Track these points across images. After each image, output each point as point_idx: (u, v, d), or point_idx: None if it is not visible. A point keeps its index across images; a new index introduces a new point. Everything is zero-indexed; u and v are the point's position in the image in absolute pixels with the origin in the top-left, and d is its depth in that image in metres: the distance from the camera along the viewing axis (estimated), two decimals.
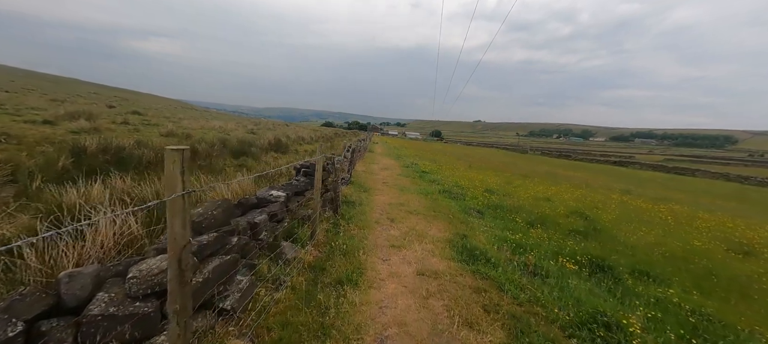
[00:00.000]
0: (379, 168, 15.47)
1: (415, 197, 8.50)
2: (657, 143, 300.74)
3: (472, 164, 25.22)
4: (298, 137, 26.92)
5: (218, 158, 13.55)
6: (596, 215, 9.16)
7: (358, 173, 12.43)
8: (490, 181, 14.75)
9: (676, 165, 58.78)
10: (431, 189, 9.96)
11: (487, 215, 7.86)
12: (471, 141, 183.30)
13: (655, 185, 26.96)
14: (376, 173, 13.10)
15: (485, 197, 10.02)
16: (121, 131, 15.53)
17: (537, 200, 11.02)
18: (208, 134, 21.30)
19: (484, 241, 5.52)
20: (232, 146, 15.35)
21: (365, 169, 14.58)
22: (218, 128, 26.65)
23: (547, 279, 4.15)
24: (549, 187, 15.43)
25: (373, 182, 10.48)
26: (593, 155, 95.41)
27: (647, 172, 52.00)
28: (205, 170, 11.86)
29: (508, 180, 16.33)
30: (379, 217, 6.28)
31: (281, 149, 19.37)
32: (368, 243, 4.72)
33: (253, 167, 12.98)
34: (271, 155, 17.55)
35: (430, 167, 18.13)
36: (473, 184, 12.77)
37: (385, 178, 11.87)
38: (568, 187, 16.80)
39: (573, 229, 7.37)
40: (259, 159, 15.02)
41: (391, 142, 65.10)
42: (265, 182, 10.57)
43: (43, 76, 73.26)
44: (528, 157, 65.27)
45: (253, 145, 16.90)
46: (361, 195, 8.21)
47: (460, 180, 13.48)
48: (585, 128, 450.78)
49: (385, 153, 28.54)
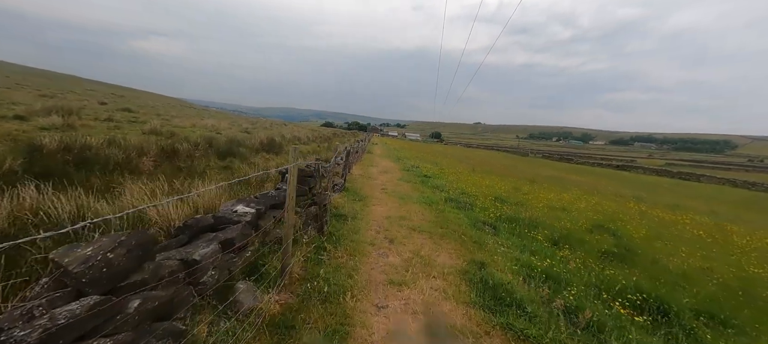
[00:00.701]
0: (378, 171, 14.33)
1: (418, 208, 7.37)
2: (657, 147, 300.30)
3: (475, 167, 24.09)
4: (293, 137, 25.76)
5: (202, 158, 12.40)
6: (623, 231, 8.04)
7: (355, 178, 11.29)
8: (497, 187, 13.62)
9: (680, 170, 57.78)
10: (435, 198, 8.83)
11: (502, 230, 6.73)
12: (471, 143, 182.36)
13: (665, 192, 25.89)
14: (374, 178, 11.97)
15: (496, 207, 8.89)
16: (101, 128, 14.34)
17: (552, 210, 9.90)
18: (196, 132, 20.16)
19: (507, 270, 4.39)
20: (218, 146, 14.19)
21: (363, 172, 13.44)
22: (210, 126, 25.45)
23: (602, 336, 3.03)
24: (560, 194, 14.32)
25: (371, 188, 9.35)
26: (594, 158, 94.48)
27: (651, 177, 51.00)
28: (186, 172, 10.70)
29: (516, 186, 15.21)
30: (376, 236, 5.13)
31: (274, 150, 18.21)
32: (360, 279, 3.58)
33: (240, 169, 11.86)
34: (262, 156, 16.39)
35: (432, 171, 17.00)
36: (480, 191, 11.64)
37: (384, 183, 10.74)
38: (579, 193, 15.70)
39: (604, 250, 6.25)
40: (248, 160, 13.87)
41: (391, 143, 64.01)
42: (250, 189, 9.43)
43: (42, 73, 72.03)
44: (529, 160, 64.25)
45: (242, 145, 15.75)
46: (356, 206, 7.06)
47: (465, 186, 12.34)
48: (584, 131, 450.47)
49: (384, 155, 27.40)
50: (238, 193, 7.44)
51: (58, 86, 46.32)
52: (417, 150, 43.03)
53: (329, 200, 5.68)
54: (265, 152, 17.27)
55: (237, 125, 32.66)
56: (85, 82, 75.38)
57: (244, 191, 8.42)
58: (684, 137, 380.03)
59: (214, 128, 25.31)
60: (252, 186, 8.90)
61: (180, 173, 10.03)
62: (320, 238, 4.44)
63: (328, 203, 5.60)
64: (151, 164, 9.73)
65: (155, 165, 9.87)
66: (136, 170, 9.21)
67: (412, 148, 50.50)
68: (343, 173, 8.66)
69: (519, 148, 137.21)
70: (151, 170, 9.52)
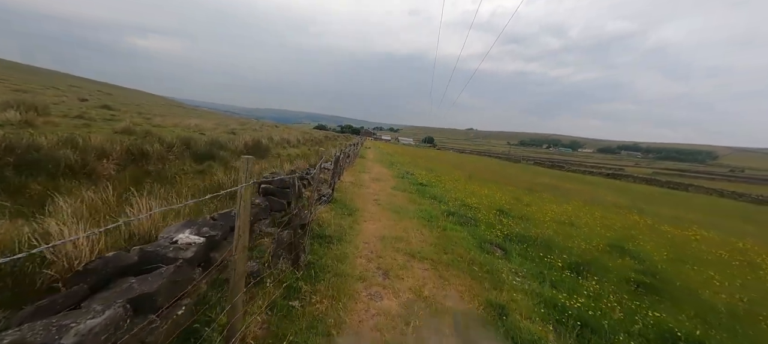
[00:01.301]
0: (371, 179, 13.35)
1: (417, 226, 6.42)
2: (642, 155, 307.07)
3: (471, 174, 23.31)
4: (282, 140, 24.59)
5: (176, 161, 11.23)
6: (643, 252, 7.24)
7: (345, 186, 10.28)
8: (497, 198, 12.79)
9: (668, 180, 58.39)
10: (435, 211, 7.90)
11: (513, 253, 5.83)
12: (464, 148, 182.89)
13: (660, 203, 25.52)
14: (366, 186, 10.99)
15: (501, 222, 8.01)
16: (67, 126, 13.00)
17: (560, 225, 9.08)
18: (176, 132, 18.87)
19: (533, 315, 3.48)
20: (197, 148, 13.02)
21: (354, 180, 12.44)
22: (194, 126, 24.09)
23: None
24: (562, 205, 13.58)
25: (362, 199, 8.38)
26: (584, 166, 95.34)
27: (641, 185, 51.24)
28: (154, 177, 9.53)
29: (516, 196, 14.42)
30: (367, 267, 4.15)
31: (259, 153, 17.08)
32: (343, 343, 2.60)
33: (218, 174, 10.75)
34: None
35: (427, 178, 16.10)
36: (481, 202, 10.77)
37: (377, 193, 9.78)
38: (580, 204, 15.01)
39: (632, 278, 5.41)
40: (229, 165, 12.75)
41: (384, 147, 63.10)
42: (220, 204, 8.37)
43: (27, 69, 69.03)
44: (523, 167, 64.16)
45: (224, 147, 14.59)
46: (344, 222, 6.08)
47: (464, 196, 11.46)
48: (573, 140, 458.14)
49: (377, 160, 26.43)
50: (204, 208, 6.38)
51: (41, 82, 43.97)
52: (410, 155, 42.20)
53: (311, 218, 4.69)
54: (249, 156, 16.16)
55: (223, 126, 31.28)
56: (74, 79, 72.63)
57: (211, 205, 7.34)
58: (668, 147, 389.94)
59: (198, 129, 23.98)
60: (222, 201, 7.81)
61: (147, 178, 8.90)
62: (295, 273, 3.44)
63: (310, 222, 4.61)
64: (112, 167, 8.55)
65: (118, 169, 8.71)
66: (93, 175, 8.04)
67: (405, 153, 49.66)
68: (331, 182, 7.68)
69: (511, 154, 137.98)
70: (112, 174, 8.37)
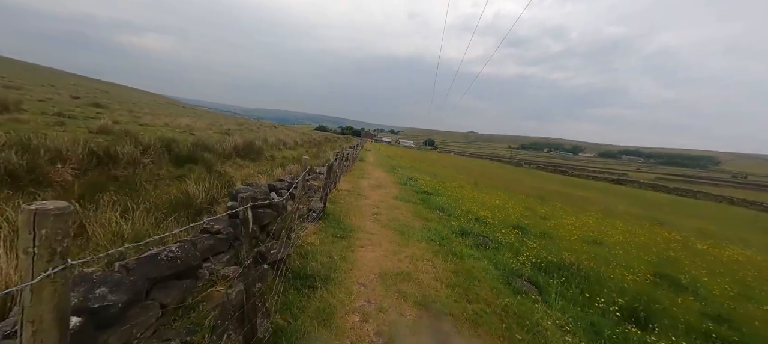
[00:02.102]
0: (370, 186, 12.11)
1: (426, 253, 5.18)
2: (644, 160, 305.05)
3: (476, 180, 22.05)
4: (278, 141, 23.37)
5: (151, 166, 10.01)
6: (699, 285, 5.99)
7: (341, 196, 9.04)
8: (510, 209, 11.54)
9: (676, 186, 57.02)
10: (445, 230, 6.66)
11: (549, 291, 4.59)
12: (464, 151, 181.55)
13: (676, 212, 24.23)
14: (365, 195, 9.75)
15: (523, 244, 6.77)
16: (36, 124, 11.78)
17: (589, 246, 7.84)
18: (159, 132, 17.67)
19: None
20: (179, 150, 11.80)
21: (352, 187, 11.19)
22: (184, 126, 22.86)
23: None
24: (580, 217, 12.35)
25: (360, 213, 7.13)
26: (587, 170, 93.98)
27: (649, 192, 49.89)
28: (122, 183, 8.32)
29: (529, 206, 13.19)
30: (361, 330, 2.88)
31: (251, 156, 15.84)
32: None
33: (200, 179, 9.55)
34: (235, 163, 14.04)
35: (431, 184, 14.85)
36: (493, 214, 9.52)
37: (377, 204, 8.54)
38: (599, 216, 13.75)
39: (703, 328, 4.17)
40: (213, 168, 11.53)
41: (385, 150, 61.88)
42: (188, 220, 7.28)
43: (24, 65, 68.21)
44: (527, 171, 62.90)
45: (211, 149, 13.37)
46: (335, 250, 4.83)
47: (473, 207, 10.22)
48: (574, 144, 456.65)
49: (377, 163, 25.18)
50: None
51: (41, 80, 42.78)
52: (412, 158, 40.96)
53: (288, 252, 3.45)
54: (239, 159, 14.90)
55: (217, 126, 30.04)
56: (77, 77, 71.76)
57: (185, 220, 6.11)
58: (670, 152, 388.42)
59: (189, 128, 22.76)
60: (195, 211, 6.57)
61: (112, 185, 7.68)
62: None
63: (290, 254, 3.37)
64: (69, 173, 7.31)
65: (77, 174, 7.47)
66: (44, 181, 6.81)
67: (406, 155, 48.42)
68: (323, 193, 6.45)
69: (512, 158, 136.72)
70: (69, 180, 7.14)
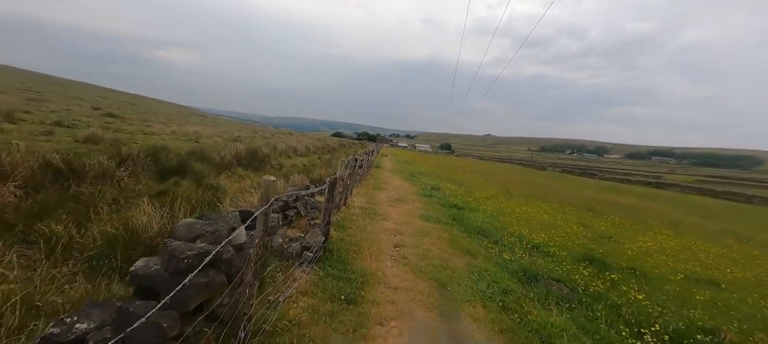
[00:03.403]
0: (388, 199, 10.14)
1: (492, 334, 3.14)
2: (677, 162, 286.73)
3: (507, 187, 19.62)
4: (288, 148, 21.88)
5: (129, 179, 8.49)
6: None
7: (352, 216, 7.12)
8: (564, 227, 9.27)
9: (725, 189, 51.65)
10: (502, 276, 4.58)
11: None
12: (482, 155, 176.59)
13: (743, 222, 20.78)
14: (382, 214, 7.79)
15: (618, 290, 4.61)
16: (19, 133, 10.60)
17: (706, 289, 5.55)
18: (163, 140, 16.43)
19: None
20: (168, 161, 10.27)
21: (367, 202, 9.26)
22: (191, 133, 21.78)
23: None
24: (653, 236, 9.89)
25: (376, 247, 5.11)
26: (618, 173, 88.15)
27: (695, 197, 45.27)
28: (82, 203, 6.66)
29: (583, 221, 10.82)
30: None
31: (254, 164, 14.24)
32: None
33: (184, 195, 7.92)
34: (236, 172, 12.44)
35: (459, 195, 12.72)
36: (550, 237, 7.33)
37: (399, 227, 6.57)
38: (671, 232, 11.19)
39: None
40: (204, 181, 9.90)
41: (402, 155, 59.85)
42: None
43: (53, 80, 72.06)
44: (553, 175, 59.15)
45: (207, 158, 11.82)
46: (332, 329, 2.89)
47: (524, 229, 8.04)
48: (598, 145, 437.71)
49: (395, 170, 23.19)
50: None
51: (66, 92, 43.91)
52: (431, 164, 38.69)
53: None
54: (241, 168, 13.31)
55: (228, 134, 29.05)
56: (98, 89, 74.82)
57: None
58: (705, 152, 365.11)
59: (196, 136, 21.67)
60: (144, 249, 4.85)
61: (69, 205, 6.07)
62: None
63: None
64: (12, 192, 5.73)
65: (26, 193, 5.90)
66: None
67: (424, 161, 46.16)
68: (324, 220, 4.53)
69: (534, 161, 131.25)
70: (12, 201, 5.56)
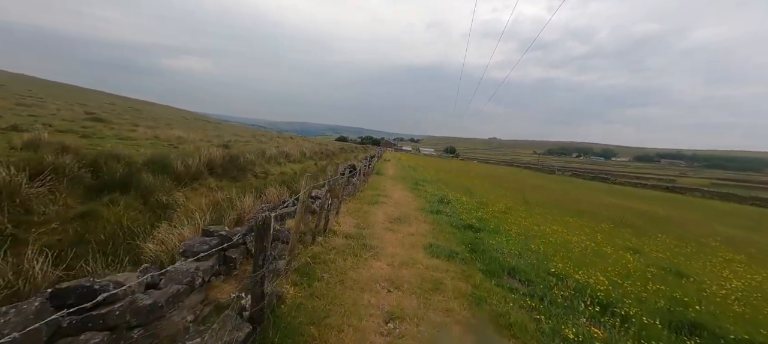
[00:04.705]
0: (386, 218, 8.05)
1: None
2: (687, 164, 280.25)
3: (524, 196, 17.39)
4: (280, 153, 19.89)
5: (40, 198, 6.57)
6: None
7: (332, 251, 5.06)
8: (612, 255, 7.13)
9: (753, 195, 48.49)
10: None
11: None
12: (488, 159, 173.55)
13: None
14: (374, 244, 5.71)
15: None
16: None
17: None
18: (140, 146, 14.53)
19: None
20: (112, 171, 8.34)
21: (357, 224, 7.17)
22: (175, 138, 19.88)
23: None
24: (719, 264, 7.70)
25: (355, 317, 3.02)
26: (629, 177, 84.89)
27: (715, 201, 42.43)
28: None
29: (630, 244, 8.64)
30: None
31: (232, 173, 12.25)
32: None
33: (115, 220, 6.01)
34: (205, 184, 10.45)
35: (473, 210, 10.60)
36: (610, 280, 5.21)
37: (395, 273, 4.46)
38: (735, 259, 8.96)
39: None
40: (153, 196, 7.90)
41: (405, 159, 57.76)
42: None
43: (67, 88, 72.47)
44: (563, 180, 56.65)
45: (167, 167, 9.83)
46: None
47: (568, 264, 5.93)
48: (605, 147, 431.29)
49: (398, 177, 21.09)
50: None
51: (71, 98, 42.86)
52: (436, 169, 36.51)
53: None
54: (214, 178, 11.31)
55: (219, 138, 27.20)
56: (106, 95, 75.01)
57: None
58: (715, 154, 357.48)
59: (179, 140, 19.79)
60: None
61: None
62: None
63: None
64: None
65: None
66: None
67: (429, 165, 43.98)
68: (255, 280, 2.49)
69: (542, 165, 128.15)
70: None
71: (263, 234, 2.35)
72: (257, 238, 2.36)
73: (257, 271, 2.39)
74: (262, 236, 2.35)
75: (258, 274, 2.39)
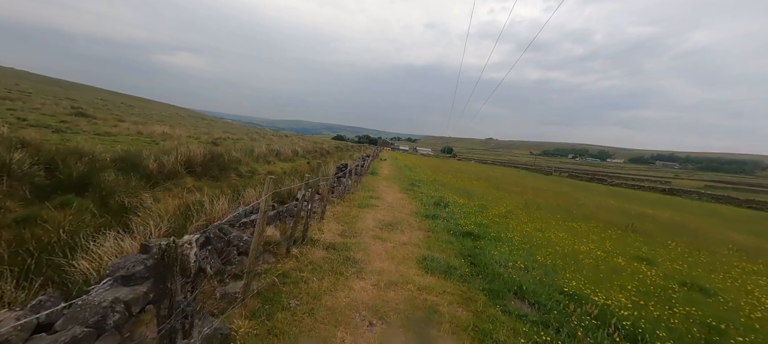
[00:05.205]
0: (376, 224, 7.27)
1: None
2: (681, 166, 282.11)
3: (525, 198, 16.67)
4: (270, 151, 19.02)
5: None
6: None
7: (308, 265, 4.29)
8: (623, 267, 6.41)
9: (748, 197, 48.31)
10: None
11: None
12: (484, 159, 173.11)
13: None
14: (358, 257, 4.92)
15: None
16: None
17: None
18: (115, 142, 13.69)
19: None
20: (70, 169, 7.49)
21: (342, 231, 6.39)
22: (159, 134, 18.93)
23: None
24: (744, 278, 7.02)
25: None
26: (626, 178, 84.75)
27: (713, 204, 42.11)
28: None
29: (641, 254, 7.94)
30: None
31: (213, 173, 11.40)
32: None
33: (62, 225, 5.18)
34: (181, 184, 9.58)
35: (471, 214, 9.87)
36: (637, 304, 4.50)
37: (381, 296, 3.68)
38: (754, 268, 8.31)
39: None
40: (113, 200, 7.05)
41: (402, 159, 57.00)
42: None
43: (60, 83, 70.98)
44: (561, 181, 56.23)
45: (137, 166, 8.96)
46: None
47: (584, 283, 5.21)
48: (601, 149, 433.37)
49: (393, 177, 20.30)
50: None
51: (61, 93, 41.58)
52: (433, 169, 35.76)
53: None
54: (192, 177, 10.44)
55: (209, 135, 26.23)
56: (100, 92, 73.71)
57: None
58: (709, 156, 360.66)
59: (163, 137, 18.88)
60: None
61: None
62: None
63: None
64: None
65: None
66: None
67: (426, 165, 43.22)
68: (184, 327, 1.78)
69: (538, 166, 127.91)
70: None
71: (166, 271, 1.55)
72: (156, 279, 1.56)
73: (163, 324, 1.60)
74: (164, 276, 1.55)
75: (164, 327, 1.60)
